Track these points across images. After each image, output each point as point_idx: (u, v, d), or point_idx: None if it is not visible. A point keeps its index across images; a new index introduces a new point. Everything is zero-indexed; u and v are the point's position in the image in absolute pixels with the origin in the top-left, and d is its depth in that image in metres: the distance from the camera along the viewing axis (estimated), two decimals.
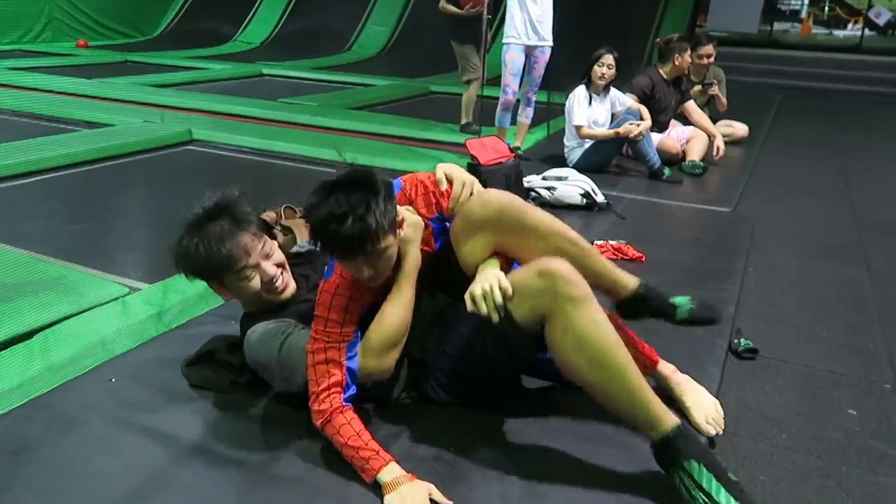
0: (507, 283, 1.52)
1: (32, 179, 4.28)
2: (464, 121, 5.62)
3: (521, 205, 1.64)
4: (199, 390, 1.87)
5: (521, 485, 1.53)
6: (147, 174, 4.69)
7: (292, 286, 1.80)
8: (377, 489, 1.49)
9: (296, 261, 1.91)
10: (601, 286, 1.67)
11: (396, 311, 1.64)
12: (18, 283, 1.86)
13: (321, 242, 1.49)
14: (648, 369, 1.82)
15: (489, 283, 1.52)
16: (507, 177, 3.67)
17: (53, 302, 1.93)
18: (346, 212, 1.42)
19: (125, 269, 2.71)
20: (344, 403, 1.58)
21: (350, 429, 1.54)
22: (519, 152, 4.56)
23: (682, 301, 1.72)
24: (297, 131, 5.74)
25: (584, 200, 3.64)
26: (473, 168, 3.63)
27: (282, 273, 1.77)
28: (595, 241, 3.03)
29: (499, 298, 1.50)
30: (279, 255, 1.79)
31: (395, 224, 1.54)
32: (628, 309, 1.73)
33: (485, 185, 3.51)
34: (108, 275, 2.71)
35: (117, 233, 2.06)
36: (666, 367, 1.87)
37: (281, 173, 4.77)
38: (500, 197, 1.64)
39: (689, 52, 4.66)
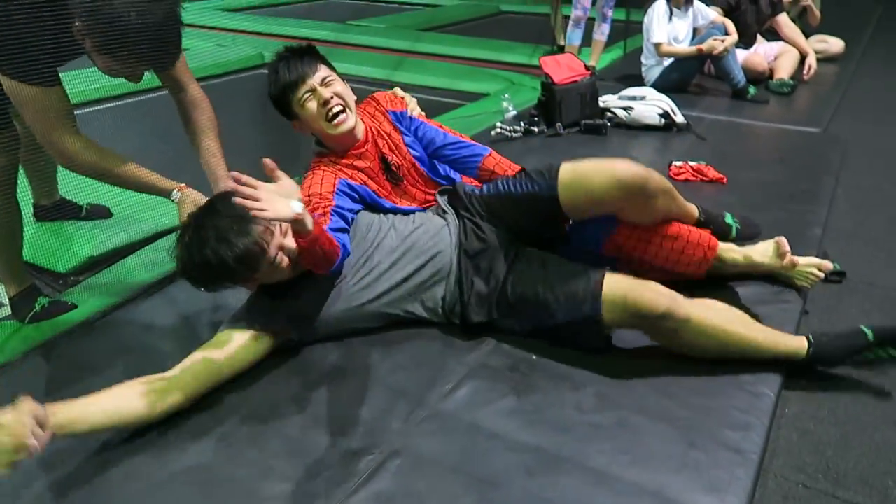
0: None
1: (118, 103, 4.44)
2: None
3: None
4: None
5: (594, 393, 1.56)
6: (222, 97, 4.71)
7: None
8: None
9: None
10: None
11: None
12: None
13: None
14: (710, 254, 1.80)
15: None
16: (581, 96, 3.56)
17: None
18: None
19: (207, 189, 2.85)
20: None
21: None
22: (594, 71, 4.40)
23: (730, 220, 1.98)
24: (366, 53, 5.71)
25: (663, 121, 3.50)
26: (547, 87, 3.54)
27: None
28: (674, 162, 2.94)
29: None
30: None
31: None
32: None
33: (559, 106, 3.49)
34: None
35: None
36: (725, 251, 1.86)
37: None
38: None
39: None
